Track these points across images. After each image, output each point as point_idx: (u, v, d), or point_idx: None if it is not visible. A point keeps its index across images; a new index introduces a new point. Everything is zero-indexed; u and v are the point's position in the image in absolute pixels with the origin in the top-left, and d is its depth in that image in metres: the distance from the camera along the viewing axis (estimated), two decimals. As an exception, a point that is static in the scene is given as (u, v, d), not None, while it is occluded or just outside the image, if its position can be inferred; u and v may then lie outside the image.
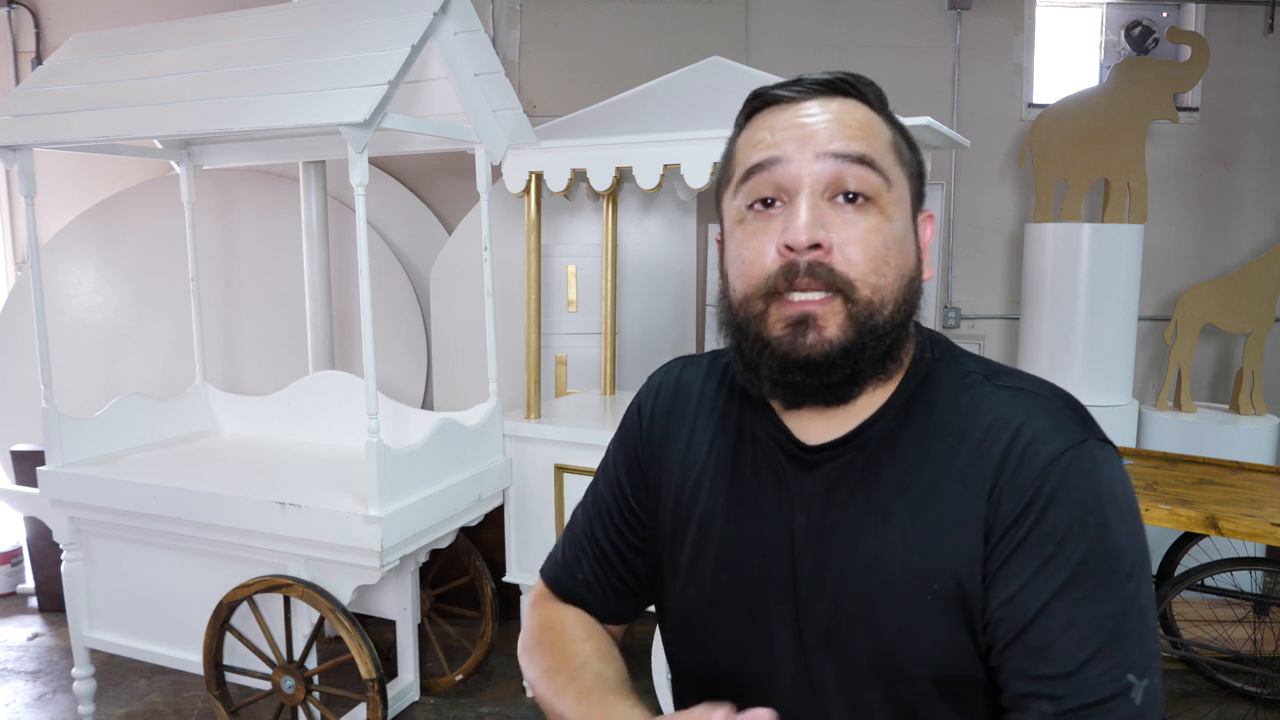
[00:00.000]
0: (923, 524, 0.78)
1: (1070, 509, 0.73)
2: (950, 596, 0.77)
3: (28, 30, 4.26)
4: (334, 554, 2.34)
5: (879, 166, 0.79)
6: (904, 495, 0.79)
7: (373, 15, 2.39)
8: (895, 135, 0.83)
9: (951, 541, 0.77)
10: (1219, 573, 2.62)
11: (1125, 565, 0.73)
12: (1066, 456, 0.75)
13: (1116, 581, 0.72)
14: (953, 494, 0.77)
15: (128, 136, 2.40)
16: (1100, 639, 0.71)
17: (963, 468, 0.78)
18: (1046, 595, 0.72)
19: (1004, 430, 0.77)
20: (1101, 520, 0.73)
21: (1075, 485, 0.74)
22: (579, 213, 3.60)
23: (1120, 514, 0.74)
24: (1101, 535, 0.73)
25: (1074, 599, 0.72)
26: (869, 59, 4.15)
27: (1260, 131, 4.19)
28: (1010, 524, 0.75)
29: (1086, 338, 3.68)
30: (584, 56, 4.17)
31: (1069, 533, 0.73)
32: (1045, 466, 0.75)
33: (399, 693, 2.88)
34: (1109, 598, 0.72)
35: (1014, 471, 0.75)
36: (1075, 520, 0.73)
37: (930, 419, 0.81)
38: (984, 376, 0.83)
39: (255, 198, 4.05)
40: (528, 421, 2.84)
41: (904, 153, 0.83)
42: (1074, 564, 0.72)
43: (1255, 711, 2.88)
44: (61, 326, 3.93)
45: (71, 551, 2.71)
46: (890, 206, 0.79)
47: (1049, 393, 0.81)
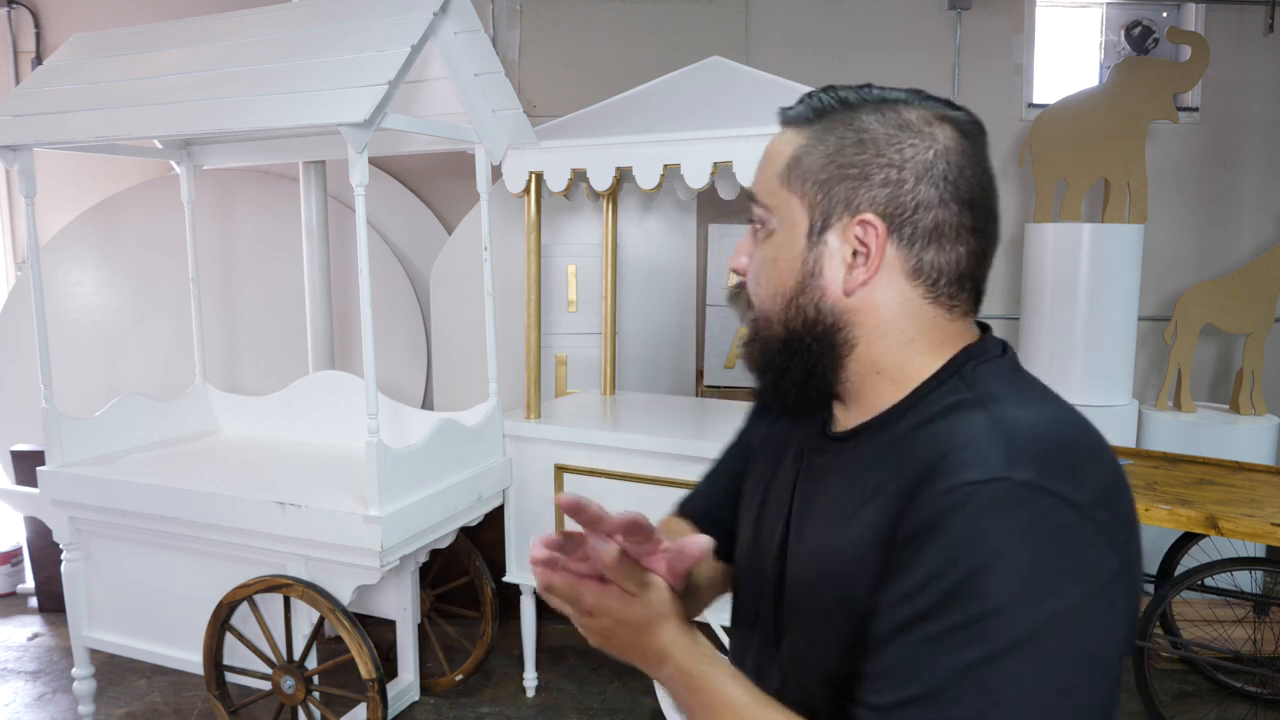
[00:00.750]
0: (851, 528, 0.77)
1: (946, 544, 0.66)
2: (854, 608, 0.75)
3: (28, 30, 4.26)
4: (334, 554, 2.34)
5: (760, 197, 0.85)
6: (850, 500, 0.79)
7: (373, 15, 2.39)
8: (800, 150, 0.81)
9: (863, 554, 0.75)
10: (1219, 573, 2.61)
11: (987, 629, 0.63)
12: (968, 490, 0.66)
13: (968, 640, 0.63)
14: (881, 505, 0.75)
15: (128, 136, 2.40)
16: (920, 689, 0.65)
17: (897, 481, 0.75)
18: (893, 624, 0.68)
19: (939, 450, 0.71)
20: (976, 567, 0.64)
21: (960, 521, 0.66)
22: (579, 213, 3.60)
23: (1006, 571, 0.64)
24: (968, 583, 0.64)
25: (916, 638, 0.66)
26: (869, 59, 4.15)
27: (1260, 131, 4.19)
28: (900, 544, 0.70)
29: (1086, 338, 3.68)
30: (584, 56, 4.17)
31: (937, 568, 0.66)
32: (944, 493, 0.67)
33: (399, 693, 2.88)
34: (954, 653, 0.64)
35: (922, 493, 0.70)
36: (947, 557, 0.65)
37: (904, 434, 0.78)
38: (979, 399, 0.75)
39: (255, 198, 4.05)
40: (528, 421, 2.84)
41: (803, 167, 0.81)
42: (930, 602, 0.65)
43: (1255, 711, 2.88)
44: (61, 326, 3.93)
45: (71, 551, 2.71)
46: (780, 230, 0.83)
47: (1023, 423, 0.71)
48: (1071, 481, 0.67)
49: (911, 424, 0.78)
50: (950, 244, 0.78)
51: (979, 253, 0.80)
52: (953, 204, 0.77)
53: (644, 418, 2.94)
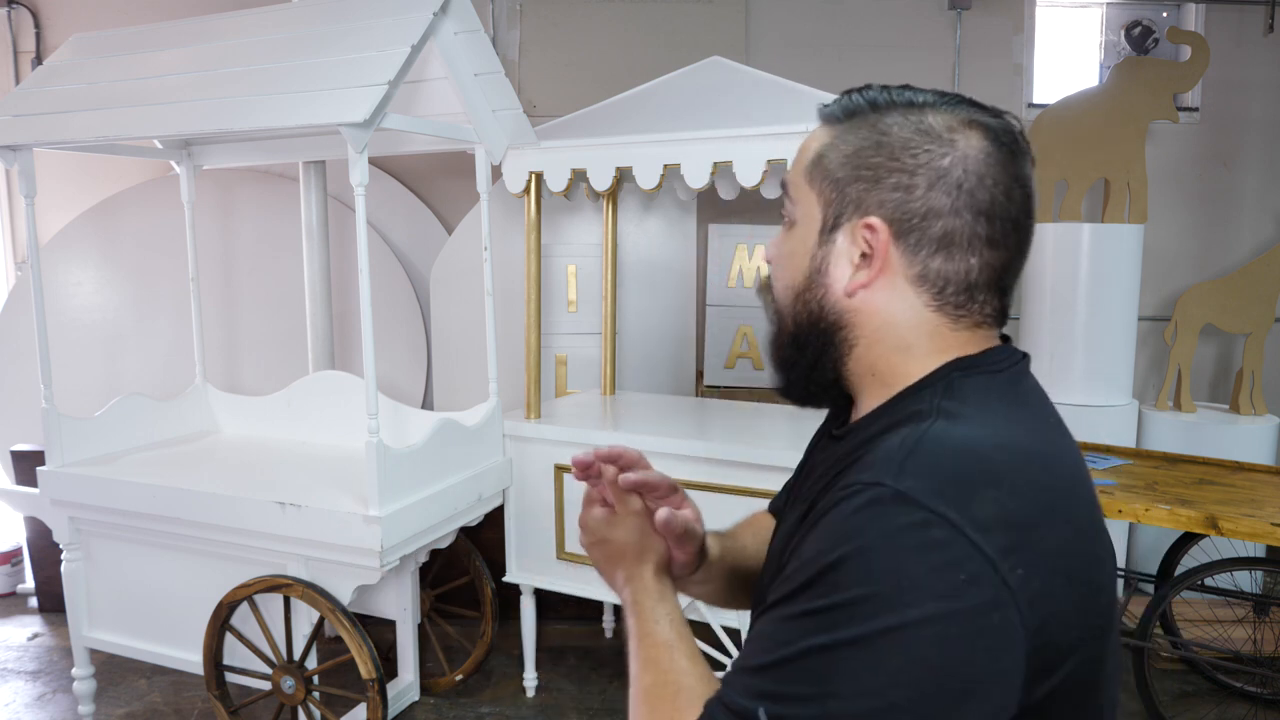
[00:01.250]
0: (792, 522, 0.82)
1: (822, 534, 0.69)
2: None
3: (28, 30, 4.26)
4: (334, 554, 2.34)
5: (788, 189, 0.86)
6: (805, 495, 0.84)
7: (373, 15, 2.39)
8: (826, 146, 0.82)
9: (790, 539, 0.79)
10: (1219, 573, 2.61)
11: (839, 619, 0.64)
12: (853, 489, 0.68)
13: (819, 625, 0.65)
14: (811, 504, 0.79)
15: (128, 136, 2.40)
16: (767, 660, 0.67)
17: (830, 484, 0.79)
18: (770, 599, 0.72)
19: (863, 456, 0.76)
20: (838, 561, 0.65)
21: (836, 516, 0.69)
22: (579, 213, 3.60)
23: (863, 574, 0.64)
24: (830, 575, 0.66)
25: (778, 614, 0.69)
26: (869, 59, 4.15)
27: (1260, 131, 4.19)
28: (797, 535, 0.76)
29: (1086, 338, 3.68)
30: (584, 56, 4.17)
31: (810, 556, 0.69)
32: (839, 489, 0.71)
33: (399, 693, 2.88)
34: (802, 634, 0.66)
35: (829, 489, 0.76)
36: (819, 548, 0.68)
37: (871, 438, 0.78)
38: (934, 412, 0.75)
39: (255, 198, 4.05)
40: (528, 421, 2.84)
41: (825, 164, 0.81)
42: (795, 584, 0.68)
43: (1255, 711, 2.88)
44: (61, 326, 3.93)
45: (71, 551, 2.71)
46: (794, 225, 0.85)
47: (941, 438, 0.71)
48: (957, 502, 0.65)
49: (879, 429, 0.77)
50: (961, 253, 0.77)
51: (997, 265, 0.78)
52: (966, 213, 0.76)
53: (644, 418, 2.94)
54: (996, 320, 0.81)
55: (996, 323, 0.82)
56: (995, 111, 0.80)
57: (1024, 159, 0.79)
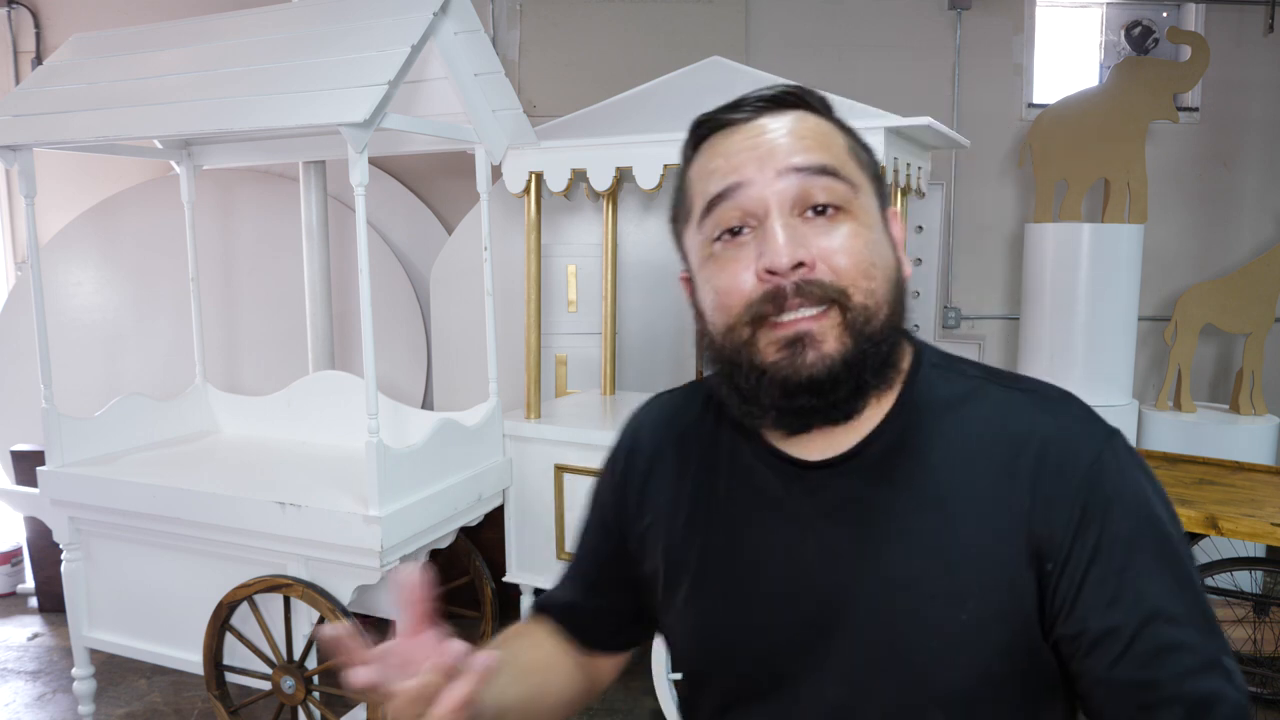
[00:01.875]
0: (952, 542, 0.75)
1: (1127, 510, 0.74)
2: (989, 617, 0.74)
3: (28, 30, 4.26)
4: (334, 554, 2.34)
5: (843, 174, 0.77)
6: (928, 512, 0.76)
7: (373, 15, 2.39)
8: (850, 140, 0.82)
9: (987, 560, 0.74)
10: (1219, 573, 2.62)
11: (1180, 550, 0.75)
12: (1105, 458, 0.75)
13: (1183, 566, 0.74)
14: (984, 509, 0.75)
15: (128, 136, 2.40)
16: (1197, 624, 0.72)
17: (992, 480, 0.76)
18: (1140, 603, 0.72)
19: (1030, 438, 0.77)
20: (1150, 510, 0.75)
21: (1123, 484, 0.75)
22: (579, 213, 3.60)
23: (1157, 497, 0.76)
24: (1159, 527, 0.74)
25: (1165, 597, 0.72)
26: (869, 59, 4.15)
27: (1260, 131, 4.19)
28: (1072, 539, 0.73)
29: (1086, 338, 3.67)
30: (584, 56, 4.17)
31: (1135, 534, 0.73)
32: (1087, 471, 0.74)
33: (399, 693, 2.88)
34: (1186, 583, 0.73)
35: (1054, 482, 0.75)
36: (1136, 520, 0.74)
37: (939, 428, 0.79)
38: (986, 379, 0.82)
39: (255, 198, 4.05)
40: (528, 421, 2.84)
41: (862, 156, 0.82)
42: (1152, 561, 0.73)
43: (1255, 711, 2.88)
44: (61, 326, 3.93)
45: (71, 551, 2.71)
46: (862, 211, 0.77)
47: (1054, 391, 0.82)
48: None
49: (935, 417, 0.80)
50: None
51: None
52: None
53: (644, 418, 2.94)
54: None
55: None
56: None
57: None
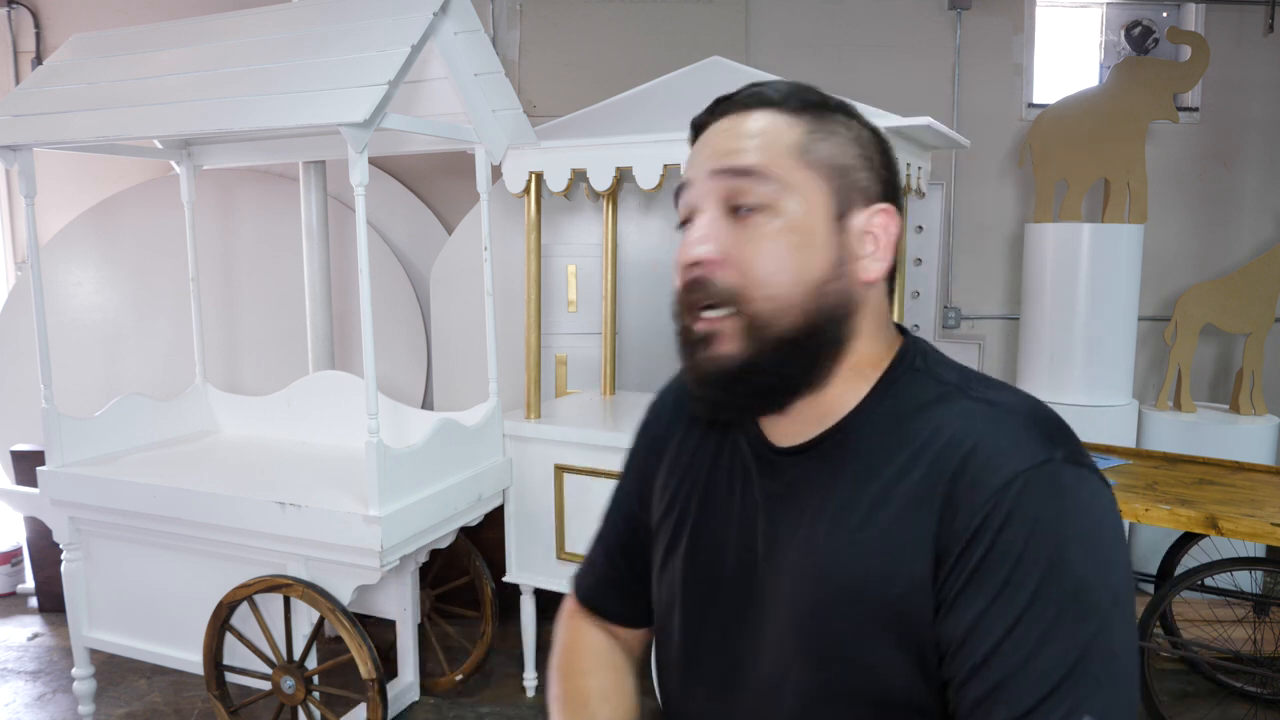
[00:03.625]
0: (870, 536, 0.76)
1: (1024, 533, 0.68)
2: (889, 617, 0.74)
3: (28, 30, 4.26)
4: (334, 554, 2.34)
5: (770, 174, 0.78)
6: (856, 505, 0.77)
7: (373, 15, 2.39)
8: (808, 136, 0.80)
9: (895, 558, 0.74)
10: (1219, 573, 2.61)
11: (1088, 600, 0.67)
12: (1024, 477, 0.69)
13: (1077, 616, 0.67)
14: (903, 508, 0.74)
15: (128, 136, 2.40)
16: (1057, 676, 0.66)
17: (916, 481, 0.75)
18: (1003, 627, 0.68)
19: (961, 445, 0.73)
20: (1058, 547, 0.68)
21: (1031, 508, 0.69)
22: (579, 213, 3.60)
23: (1084, 543, 0.68)
24: (1058, 564, 0.67)
25: (1030, 631, 0.67)
26: (869, 59, 4.15)
27: (1260, 131, 4.19)
28: (963, 548, 0.70)
29: (1086, 338, 3.67)
30: (584, 56, 4.17)
31: (1023, 559, 0.68)
32: (1000, 487, 0.70)
33: (399, 693, 2.88)
34: (1067, 633, 0.67)
35: (967, 491, 0.71)
36: (1030, 546, 0.68)
37: (897, 429, 0.78)
38: (958, 388, 0.79)
39: (255, 198, 4.05)
40: (528, 421, 2.83)
41: (818, 152, 0.80)
42: (1029, 593, 0.67)
43: (1255, 711, 2.88)
44: (61, 326, 3.93)
45: (71, 551, 2.71)
46: (790, 213, 0.78)
47: (1022, 407, 0.76)
48: (1080, 450, 0.73)
49: (895, 416, 0.79)
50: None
51: None
52: (901, 197, 0.86)
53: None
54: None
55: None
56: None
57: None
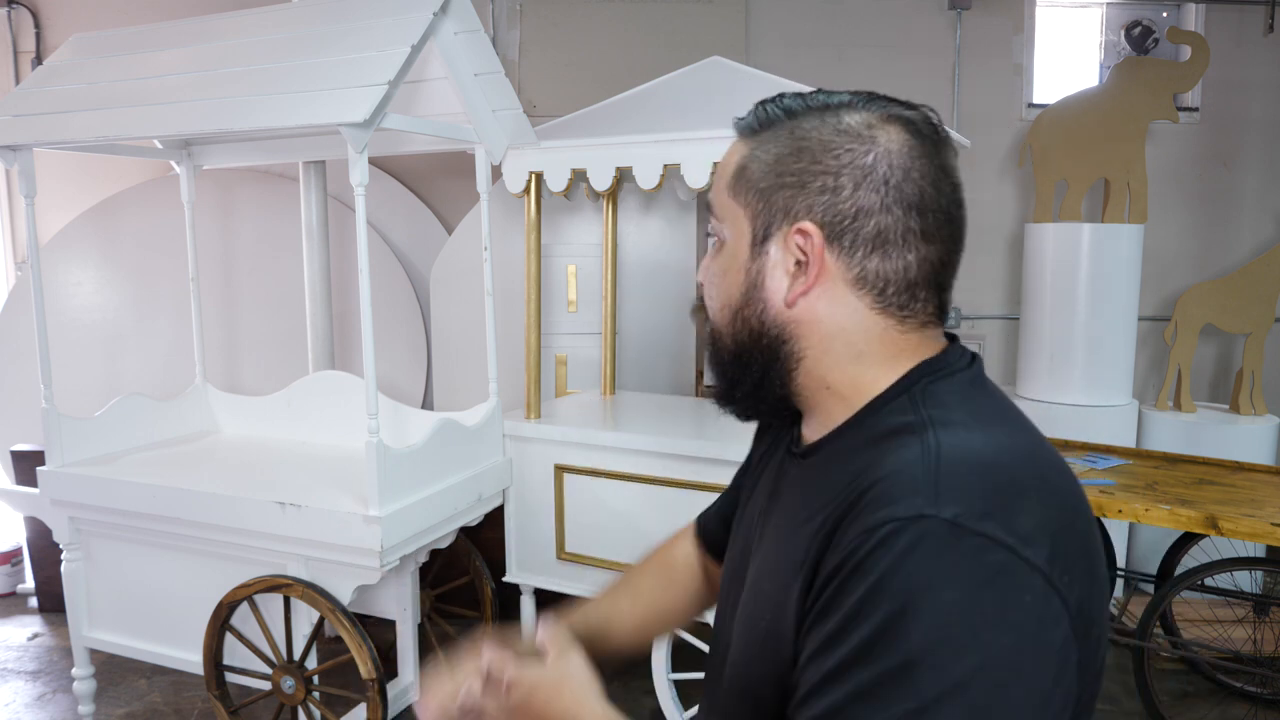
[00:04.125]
0: (783, 554, 0.75)
1: (870, 585, 0.62)
2: (772, 633, 0.74)
3: (28, 30, 4.26)
4: (334, 554, 2.34)
5: (714, 209, 0.83)
6: (795, 523, 0.76)
7: (373, 15, 2.39)
8: (745, 160, 0.79)
9: (786, 580, 0.73)
10: (1219, 573, 2.61)
11: (915, 677, 0.59)
12: (891, 526, 0.62)
13: (897, 690, 0.59)
14: (809, 533, 0.72)
15: (128, 136, 2.40)
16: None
17: (827, 509, 0.71)
18: (819, 675, 0.64)
19: (868, 479, 0.68)
20: (899, 610, 0.60)
21: (883, 560, 0.62)
22: (579, 213, 3.60)
23: (934, 616, 0.59)
24: (892, 627, 0.60)
25: (844, 690, 0.62)
26: (869, 59, 4.15)
27: (1260, 131, 4.19)
28: (824, 583, 0.67)
29: (1086, 338, 3.68)
30: (584, 56, 4.17)
31: (860, 611, 0.62)
32: (866, 530, 0.64)
33: (399, 693, 2.88)
34: (880, 704, 0.60)
35: (845, 527, 0.67)
36: (869, 599, 0.61)
37: (850, 456, 0.74)
38: (921, 423, 0.71)
39: (255, 198, 4.05)
40: (528, 421, 2.84)
41: (746, 178, 0.79)
42: (854, 649, 0.61)
43: (1255, 711, 2.88)
44: (61, 326, 3.93)
45: (71, 551, 2.71)
46: (724, 243, 0.83)
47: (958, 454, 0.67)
48: (1002, 519, 0.62)
49: (855, 445, 0.75)
50: (897, 251, 0.74)
51: (934, 260, 0.76)
52: (896, 209, 0.73)
53: (644, 418, 2.94)
54: (939, 318, 0.79)
55: (940, 321, 0.79)
56: (911, 104, 0.78)
57: (947, 149, 0.77)
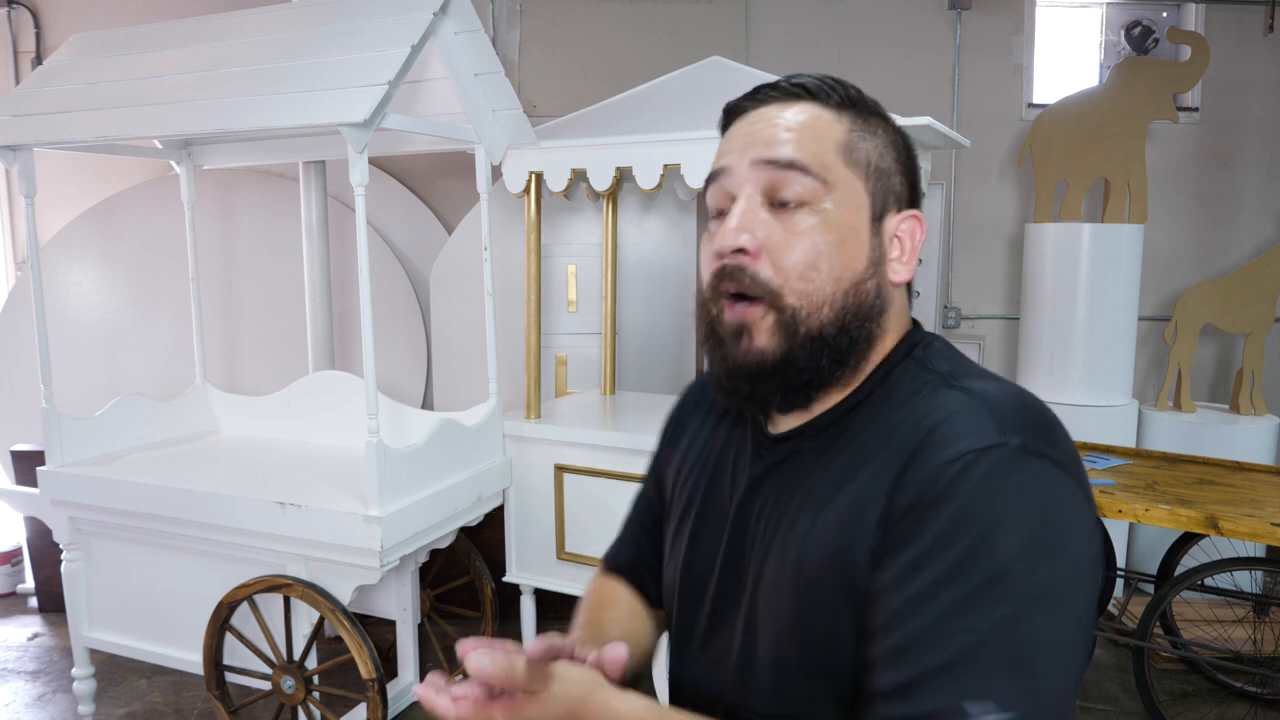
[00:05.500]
0: (833, 514, 0.77)
1: (955, 510, 0.68)
2: (843, 590, 0.75)
3: (28, 30, 4.26)
4: (334, 554, 2.34)
5: (813, 170, 0.79)
6: (831, 489, 0.79)
7: (373, 15, 2.39)
8: (852, 135, 0.81)
9: (850, 534, 0.75)
10: (1219, 573, 2.61)
11: (1006, 587, 0.65)
12: (969, 457, 0.69)
13: (990, 601, 0.65)
14: (863, 485, 0.76)
15: (128, 136, 2.40)
16: (949, 655, 0.65)
17: (880, 460, 0.76)
18: (905, 598, 0.68)
19: (923, 425, 0.74)
20: (987, 529, 0.67)
21: (966, 487, 0.68)
22: (579, 213, 3.60)
23: (1018, 530, 0.67)
24: (982, 544, 0.66)
25: (936, 605, 0.66)
26: (869, 59, 4.15)
27: (1260, 131, 4.19)
28: (899, 518, 0.71)
29: (1086, 338, 3.68)
30: (584, 56, 4.17)
31: (946, 534, 0.68)
32: (944, 464, 0.70)
33: (399, 693, 2.88)
34: (977, 615, 0.65)
35: (917, 467, 0.72)
36: (956, 522, 0.67)
37: (878, 418, 0.79)
38: (944, 377, 0.79)
39: (255, 198, 4.05)
40: (528, 421, 2.84)
41: (861, 152, 0.81)
42: (944, 569, 0.67)
43: (1255, 711, 2.88)
44: (61, 326, 3.93)
45: (71, 551, 2.71)
46: (829, 211, 0.79)
47: (1002, 396, 0.75)
48: (1051, 445, 0.71)
49: (879, 404, 0.80)
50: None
51: None
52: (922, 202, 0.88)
53: (644, 418, 2.94)
54: None
55: None
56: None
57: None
